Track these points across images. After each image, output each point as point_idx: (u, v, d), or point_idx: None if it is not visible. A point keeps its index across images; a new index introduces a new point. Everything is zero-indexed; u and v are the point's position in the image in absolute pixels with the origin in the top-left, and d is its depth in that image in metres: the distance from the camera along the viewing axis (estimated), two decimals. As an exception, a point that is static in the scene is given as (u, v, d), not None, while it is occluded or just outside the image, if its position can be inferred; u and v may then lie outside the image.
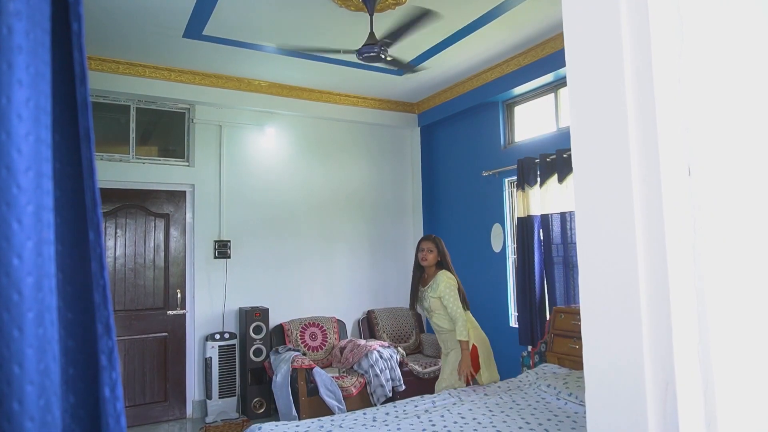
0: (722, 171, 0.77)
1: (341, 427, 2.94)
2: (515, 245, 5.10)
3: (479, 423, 2.95)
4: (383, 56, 3.71)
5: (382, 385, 4.71)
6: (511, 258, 5.33)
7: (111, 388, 0.50)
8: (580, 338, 0.92)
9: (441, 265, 3.83)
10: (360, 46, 3.74)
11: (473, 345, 3.69)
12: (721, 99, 0.79)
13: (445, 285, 3.67)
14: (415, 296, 3.88)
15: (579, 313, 4.22)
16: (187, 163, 5.28)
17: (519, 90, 5.11)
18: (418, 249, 3.86)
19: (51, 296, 0.47)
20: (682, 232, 0.76)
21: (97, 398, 0.51)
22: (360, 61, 3.94)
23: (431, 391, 3.87)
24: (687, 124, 0.76)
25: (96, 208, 0.49)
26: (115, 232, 4.97)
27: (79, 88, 0.52)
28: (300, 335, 5.34)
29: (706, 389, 0.75)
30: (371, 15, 3.76)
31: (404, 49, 4.56)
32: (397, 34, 3.99)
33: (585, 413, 0.90)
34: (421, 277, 3.89)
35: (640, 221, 0.78)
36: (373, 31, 3.77)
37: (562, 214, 4.57)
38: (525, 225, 4.87)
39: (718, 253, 0.76)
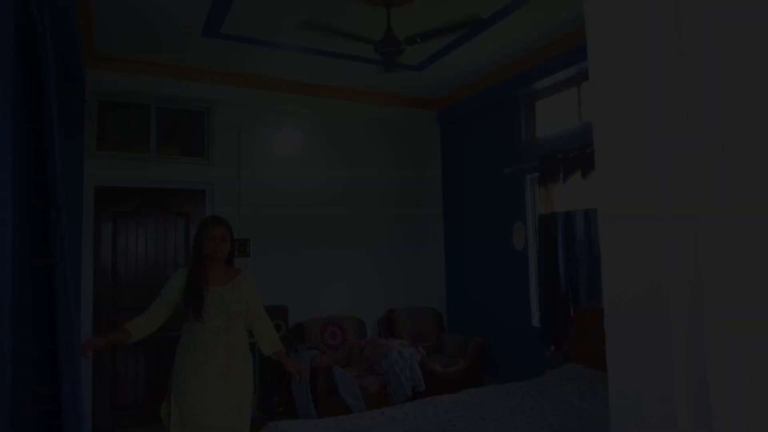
0: (762, 144, 0.70)
1: (359, 426, 2.89)
2: (538, 243, 4.99)
3: (501, 424, 2.87)
4: (402, 50, 3.65)
5: (401, 385, 4.65)
6: (533, 256, 5.22)
7: (71, 383, 0.46)
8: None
9: (229, 259, 3.03)
10: (377, 41, 3.68)
11: None
12: (760, 64, 0.71)
13: (255, 286, 3.05)
14: (202, 300, 2.86)
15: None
16: (206, 162, 5.30)
17: (541, 84, 5.00)
18: (208, 236, 2.90)
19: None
20: (715, 214, 0.69)
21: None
22: (379, 57, 3.89)
23: (452, 392, 3.80)
24: (721, 93, 0.69)
25: (56, 183, 0.45)
26: (137, 231, 5.00)
27: (40, 51, 0.48)
28: (320, 334, 5.31)
29: (742, 385, 0.68)
30: (389, 9, 3.70)
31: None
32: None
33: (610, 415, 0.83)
34: (202, 274, 2.92)
35: (668, 202, 0.71)
36: (391, 25, 3.71)
37: (586, 212, 4.45)
38: (548, 222, 4.77)
39: (755, 236, 0.69)
